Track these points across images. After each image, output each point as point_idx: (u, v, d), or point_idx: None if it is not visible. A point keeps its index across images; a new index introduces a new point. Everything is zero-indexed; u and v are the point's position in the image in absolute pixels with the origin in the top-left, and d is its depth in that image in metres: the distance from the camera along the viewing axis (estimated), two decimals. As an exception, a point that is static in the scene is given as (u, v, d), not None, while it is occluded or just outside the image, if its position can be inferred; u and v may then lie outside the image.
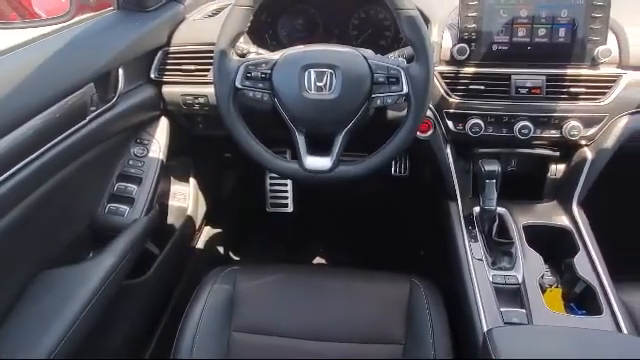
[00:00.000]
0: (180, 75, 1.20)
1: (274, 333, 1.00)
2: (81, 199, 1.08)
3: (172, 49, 1.21)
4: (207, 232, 1.65)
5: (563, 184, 1.18)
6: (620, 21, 1.09)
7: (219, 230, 1.69)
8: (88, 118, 0.96)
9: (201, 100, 1.20)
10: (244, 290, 1.06)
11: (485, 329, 0.89)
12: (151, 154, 1.21)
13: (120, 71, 1.06)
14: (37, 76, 0.87)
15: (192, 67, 1.19)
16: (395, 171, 1.79)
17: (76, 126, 0.93)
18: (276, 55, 0.99)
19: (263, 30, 1.32)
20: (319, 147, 1.00)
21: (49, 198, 0.91)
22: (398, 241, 1.77)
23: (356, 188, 1.84)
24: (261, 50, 1.13)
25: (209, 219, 1.65)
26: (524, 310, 0.94)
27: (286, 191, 1.94)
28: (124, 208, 1.14)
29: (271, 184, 1.93)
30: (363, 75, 0.95)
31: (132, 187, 1.16)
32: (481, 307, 0.95)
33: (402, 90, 0.94)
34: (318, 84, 0.95)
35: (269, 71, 0.97)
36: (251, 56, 1.08)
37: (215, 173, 1.73)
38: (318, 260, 1.79)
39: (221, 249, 1.70)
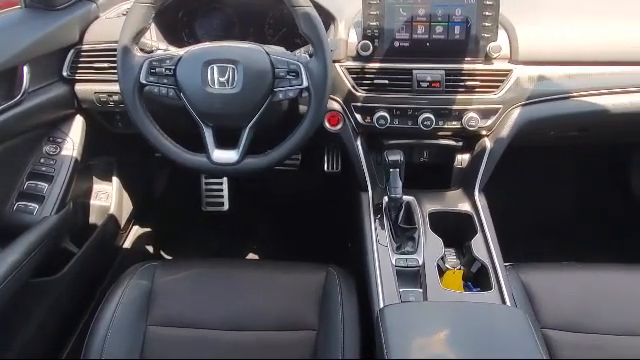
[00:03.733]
0: (93, 73, 1.21)
1: (191, 325, 1.02)
2: None
3: (84, 47, 1.21)
4: (136, 231, 1.64)
5: (467, 172, 1.25)
6: (511, 19, 1.17)
7: (149, 229, 1.68)
8: None
9: (115, 98, 1.21)
10: (162, 284, 1.07)
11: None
12: (64, 152, 1.20)
13: (25, 68, 1.05)
14: None
15: (105, 65, 1.20)
16: (328, 168, 1.84)
17: None
18: (181, 51, 1.02)
19: (180, 28, 1.34)
20: (230, 141, 1.03)
21: None
22: (329, 235, 1.81)
23: (292, 186, 1.88)
24: (172, 47, 1.15)
25: (138, 218, 1.65)
26: (421, 290, 1.00)
27: (222, 190, 1.95)
28: (33, 206, 1.12)
29: (206, 183, 1.94)
30: (264, 70, 0.99)
31: (42, 185, 1.15)
32: (380, 289, 1.00)
33: (302, 84, 0.99)
34: (220, 79, 0.98)
35: (173, 67, 0.99)
36: (158, 52, 1.10)
37: (144, 172, 1.73)
38: (250, 257, 1.81)
39: (151, 248, 1.69)
